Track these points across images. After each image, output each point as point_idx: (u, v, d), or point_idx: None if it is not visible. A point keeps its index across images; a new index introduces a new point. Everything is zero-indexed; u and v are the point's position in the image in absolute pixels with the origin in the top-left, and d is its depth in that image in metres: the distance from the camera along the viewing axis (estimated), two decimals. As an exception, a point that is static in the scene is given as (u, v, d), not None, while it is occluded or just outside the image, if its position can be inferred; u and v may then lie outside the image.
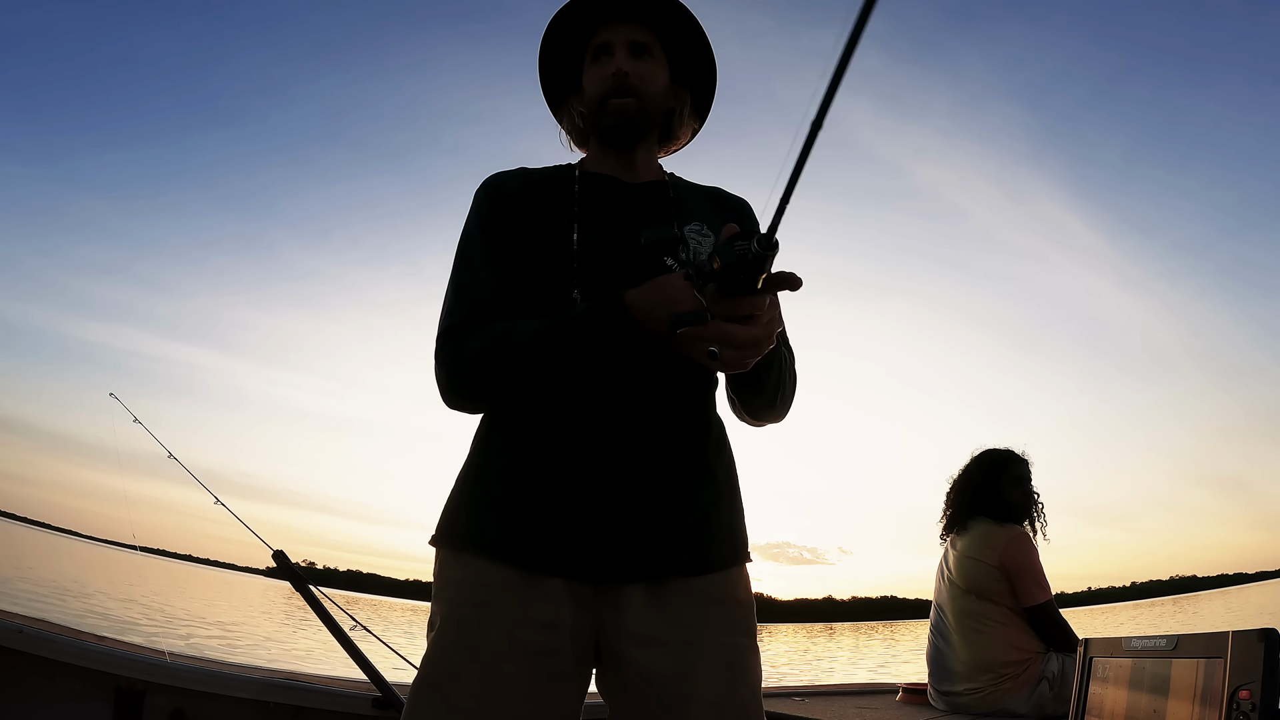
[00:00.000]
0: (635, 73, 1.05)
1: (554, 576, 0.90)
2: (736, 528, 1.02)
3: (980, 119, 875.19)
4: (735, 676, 0.93)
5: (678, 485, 0.96)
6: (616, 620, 0.91)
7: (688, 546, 0.94)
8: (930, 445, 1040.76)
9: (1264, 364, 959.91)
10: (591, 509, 0.92)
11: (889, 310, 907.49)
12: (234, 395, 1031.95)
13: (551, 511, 0.92)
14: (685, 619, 0.92)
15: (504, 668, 0.87)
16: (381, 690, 1.91)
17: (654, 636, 0.91)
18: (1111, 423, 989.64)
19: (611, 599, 0.92)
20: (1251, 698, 1.22)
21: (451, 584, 0.94)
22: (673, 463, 0.97)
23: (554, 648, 0.89)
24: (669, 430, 0.98)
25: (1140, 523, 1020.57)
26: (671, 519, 0.94)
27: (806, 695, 2.69)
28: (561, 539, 0.91)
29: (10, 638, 1.79)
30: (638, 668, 0.90)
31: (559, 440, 0.94)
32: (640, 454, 0.95)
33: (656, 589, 0.92)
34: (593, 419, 0.94)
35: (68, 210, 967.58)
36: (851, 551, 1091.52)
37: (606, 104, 1.05)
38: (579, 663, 0.91)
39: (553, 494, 0.92)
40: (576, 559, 0.90)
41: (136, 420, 2.07)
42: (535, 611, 0.89)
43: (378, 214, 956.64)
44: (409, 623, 27.81)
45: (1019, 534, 2.43)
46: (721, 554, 0.98)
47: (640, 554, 0.92)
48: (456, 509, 0.99)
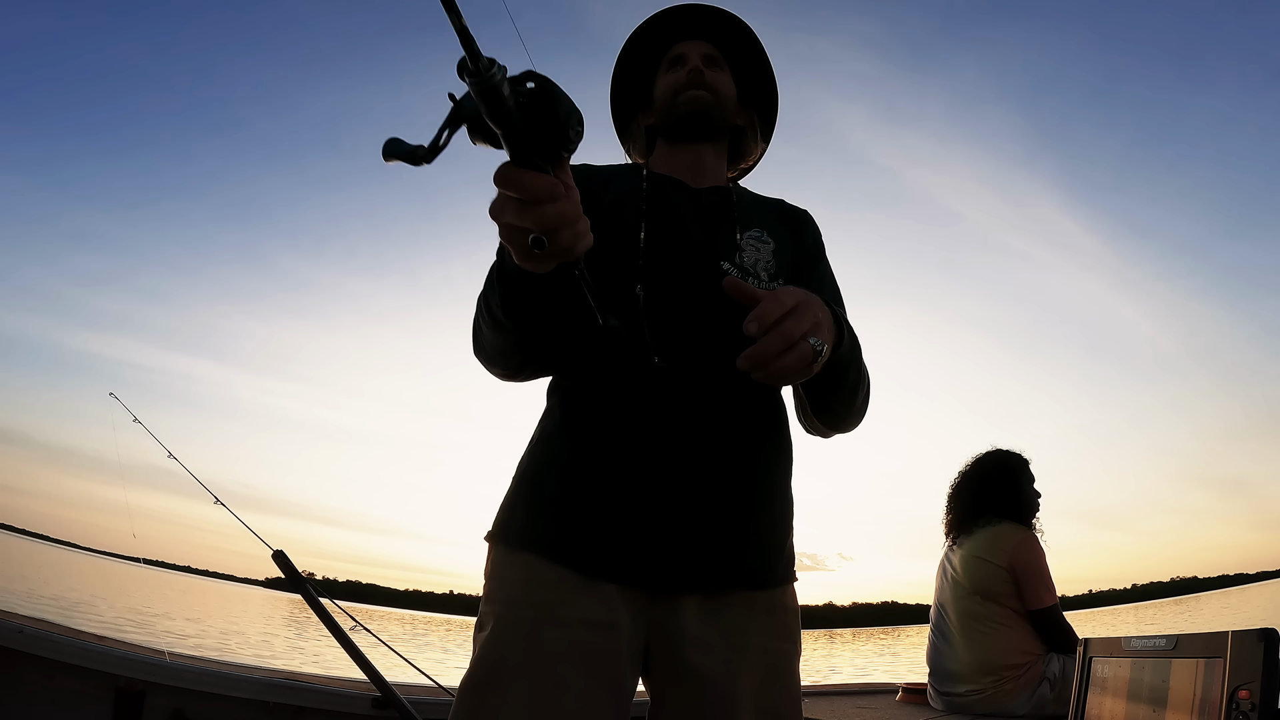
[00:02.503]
0: (710, 74, 1.12)
1: (611, 582, 0.89)
2: (790, 546, 1.03)
3: (975, 123, 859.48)
4: (780, 682, 0.95)
5: (744, 501, 0.96)
6: (671, 623, 0.91)
7: (749, 564, 0.95)
8: (930, 450, 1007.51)
9: (1263, 364, 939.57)
10: (656, 518, 0.91)
11: (886, 315, 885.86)
12: (231, 405, 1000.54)
13: (613, 517, 0.91)
14: (737, 625, 0.93)
15: (559, 669, 0.86)
16: (381, 690, 1.90)
17: (707, 640, 0.91)
18: (1111, 425, 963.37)
19: (667, 603, 0.91)
20: (1251, 698, 1.22)
21: (507, 583, 0.92)
22: (739, 478, 0.96)
23: (609, 649, 0.88)
24: (738, 444, 0.97)
25: (1141, 524, 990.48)
26: (736, 535, 0.94)
27: (807, 695, 2.69)
28: (621, 545, 0.90)
29: (10, 638, 1.79)
30: (691, 667, 0.90)
31: (624, 445, 0.93)
32: (707, 466, 0.94)
33: (713, 598, 0.93)
34: (661, 427, 0.94)
35: (64, 220, 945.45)
36: (852, 557, 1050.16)
37: (681, 95, 1.11)
38: (631, 664, 0.91)
39: (616, 499, 0.91)
40: (636, 566, 0.90)
41: (136, 420, 2.08)
42: (591, 613, 0.88)
43: (375, 223, 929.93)
44: (409, 634, 27.74)
45: (1028, 536, 2.41)
46: (778, 573, 0.99)
47: (702, 568, 0.92)
48: (515, 506, 0.98)
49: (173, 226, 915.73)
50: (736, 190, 1.15)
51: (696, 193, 1.10)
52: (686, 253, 1.01)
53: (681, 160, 1.12)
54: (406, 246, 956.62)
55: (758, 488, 0.98)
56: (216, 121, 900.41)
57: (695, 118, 1.10)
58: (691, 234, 1.03)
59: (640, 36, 1.18)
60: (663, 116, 1.14)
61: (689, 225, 1.04)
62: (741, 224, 1.08)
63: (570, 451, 0.95)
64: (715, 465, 0.94)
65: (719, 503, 0.93)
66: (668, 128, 1.14)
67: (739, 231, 1.06)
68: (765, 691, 0.92)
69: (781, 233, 1.11)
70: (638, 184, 1.08)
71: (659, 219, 1.03)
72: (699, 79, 1.11)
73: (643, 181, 1.08)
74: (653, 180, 1.09)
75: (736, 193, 1.14)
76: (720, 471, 0.94)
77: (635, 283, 0.97)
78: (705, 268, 1.01)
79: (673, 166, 1.12)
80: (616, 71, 1.21)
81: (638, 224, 1.02)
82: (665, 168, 1.13)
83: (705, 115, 1.11)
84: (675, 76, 1.13)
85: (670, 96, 1.12)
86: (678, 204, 1.07)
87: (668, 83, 1.13)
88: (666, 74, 1.15)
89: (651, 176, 1.10)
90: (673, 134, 1.13)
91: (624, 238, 1.00)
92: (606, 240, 0.98)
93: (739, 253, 1.04)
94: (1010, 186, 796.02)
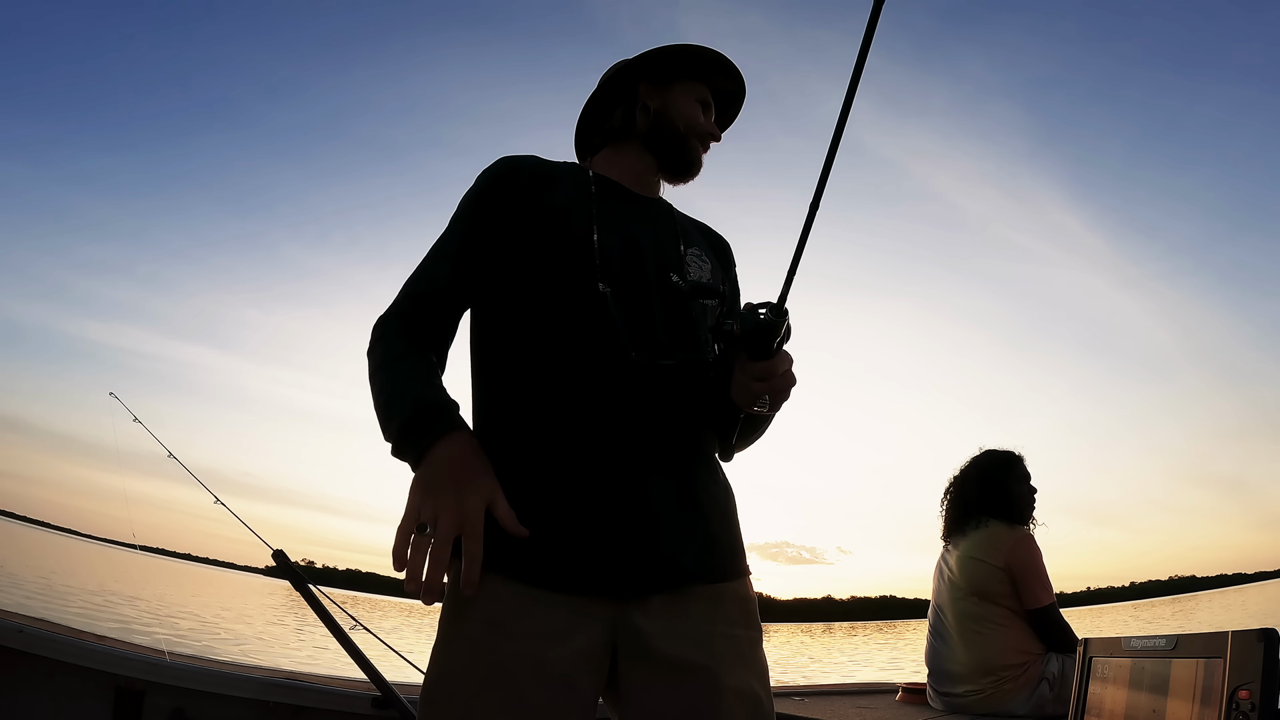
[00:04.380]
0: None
1: (574, 594, 0.90)
2: (740, 541, 1.06)
3: (979, 118, 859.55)
4: (749, 664, 0.98)
5: (705, 497, 1.00)
6: (640, 621, 0.92)
7: (707, 561, 0.98)
8: (928, 445, 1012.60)
9: (1263, 364, 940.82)
10: (625, 518, 0.92)
11: (887, 310, 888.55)
12: (234, 394, 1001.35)
13: (577, 524, 0.91)
14: (704, 615, 0.96)
15: (518, 683, 0.86)
16: (381, 690, 1.90)
17: (677, 631, 0.93)
18: (1110, 423, 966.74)
19: (634, 603, 0.93)
20: (1251, 698, 1.22)
21: (464, 599, 0.92)
22: (700, 475, 1.01)
23: (570, 658, 0.89)
24: (696, 442, 1.02)
25: (1139, 523, 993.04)
26: (701, 532, 0.98)
27: (806, 695, 2.69)
28: (585, 554, 0.91)
29: (10, 638, 1.79)
30: (665, 658, 0.92)
31: (594, 442, 0.95)
32: (659, 469, 0.97)
33: (678, 594, 0.95)
34: (632, 422, 0.96)
35: (69, 210, 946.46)
36: (850, 551, 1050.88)
37: (691, 150, 1.18)
38: (592, 672, 0.91)
39: (566, 511, 0.92)
40: (599, 574, 0.91)
41: (136, 419, 2.08)
42: (551, 625, 0.89)
43: (378, 213, 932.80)
44: (408, 623, 27.81)
45: (1025, 535, 2.41)
46: (733, 566, 1.02)
47: (664, 570, 0.93)
48: None
49: (176, 215, 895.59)
50: (672, 206, 1.21)
51: (642, 200, 1.15)
52: (639, 257, 1.06)
53: (628, 167, 1.17)
54: (410, 236, 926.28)
55: (717, 485, 1.05)
56: (220, 110, 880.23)
57: (688, 172, 1.19)
58: (642, 240, 1.07)
59: (671, 54, 1.18)
60: (662, 138, 1.17)
61: (638, 231, 1.08)
62: (683, 239, 1.14)
63: (526, 462, 0.95)
64: (677, 467, 0.99)
65: (682, 504, 0.97)
66: (659, 148, 1.17)
67: (682, 246, 1.12)
68: (738, 673, 0.95)
69: (712, 257, 1.18)
70: (585, 186, 1.10)
71: (609, 222, 1.07)
72: (713, 141, 1.20)
73: (590, 184, 1.10)
74: (600, 183, 1.12)
75: (674, 208, 1.20)
76: (682, 472, 0.99)
77: (595, 281, 1.01)
78: (656, 273, 1.06)
79: (618, 172, 1.16)
80: (647, 56, 1.19)
81: (589, 225, 1.04)
82: (611, 171, 1.17)
83: (695, 173, 1.20)
84: (704, 122, 1.19)
85: (687, 136, 1.17)
86: (625, 209, 1.11)
87: (692, 118, 1.18)
88: (693, 106, 1.19)
89: (599, 179, 1.12)
90: (661, 161, 1.18)
91: (576, 241, 1.03)
92: (559, 238, 1.03)
93: (685, 266, 1.10)
94: (1013, 182, 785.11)
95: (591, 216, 1.05)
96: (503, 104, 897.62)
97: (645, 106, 1.17)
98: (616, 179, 1.14)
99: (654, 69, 1.19)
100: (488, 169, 1.10)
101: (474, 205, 1.07)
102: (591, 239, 1.03)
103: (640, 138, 1.17)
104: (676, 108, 1.17)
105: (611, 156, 1.19)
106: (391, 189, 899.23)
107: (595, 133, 1.22)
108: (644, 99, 1.18)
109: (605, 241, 1.04)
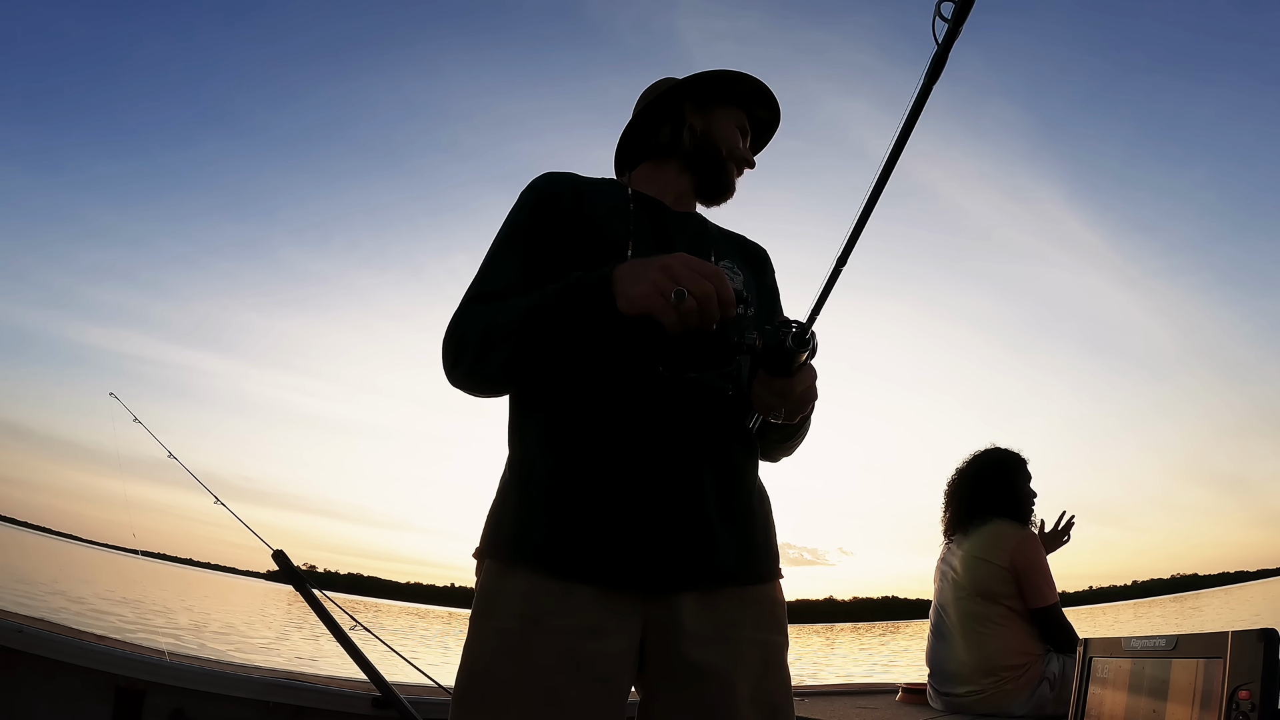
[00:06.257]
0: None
1: (604, 586, 0.91)
2: (775, 544, 1.07)
3: (978, 117, 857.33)
4: (773, 673, 0.98)
5: (736, 501, 1.01)
6: (669, 620, 0.93)
7: (744, 561, 0.99)
8: (929, 444, 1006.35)
9: (1263, 362, 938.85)
10: (653, 520, 0.93)
11: (887, 310, 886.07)
12: (234, 398, 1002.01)
13: (607, 521, 0.92)
14: (731, 619, 0.96)
15: (551, 680, 0.87)
16: (381, 690, 1.91)
17: (704, 635, 0.93)
18: (1111, 420, 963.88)
19: (664, 602, 0.93)
20: (1251, 698, 1.22)
21: (496, 596, 0.93)
22: (731, 480, 1.01)
23: (603, 656, 0.89)
24: (726, 448, 1.02)
25: (1140, 521, 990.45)
26: (732, 534, 0.98)
27: (806, 695, 2.69)
28: (615, 549, 0.91)
29: (10, 638, 1.79)
30: (690, 662, 0.92)
31: (621, 450, 0.95)
32: (702, 469, 0.97)
33: (709, 594, 0.95)
34: (659, 432, 0.97)
35: (70, 215, 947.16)
36: (852, 552, 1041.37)
37: (729, 174, 1.22)
38: (625, 667, 0.92)
39: (611, 503, 0.93)
40: (630, 569, 0.91)
41: (136, 420, 2.08)
42: (584, 621, 0.89)
43: (378, 217, 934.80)
44: (410, 627, 27.81)
45: (1029, 535, 2.41)
46: (766, 568, 1.03)
47: (697, 567, 0.94)
48: (499, 521, 0.99)
49: (175, 219, 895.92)
50: (706, 220, 1.24)
51: (677, 215, 1.18)
52: None
53: (667, 184, 1.20)
54: (410, 240, 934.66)
55: (748, 488, 1.05)
56: (219, 114, 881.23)
57: (723, 195, 1.23)
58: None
59: (718, 78, 1.21)
60: (704, 159, 1.20)
61: (673, 246, 1.10)
62: (716, 252, 1.16)
63: (559, 463, 0.96)
64: (709, 468, 0.99)
65: (715, 503, 0.97)
66: (700, 170, 1.21)
67: (714, 259, 1.14)
68: (760, 683, 0.95)
69: (745, 269, 1.19)
70: (623, 201, 1.13)
71: (645, 237, 1.09)
72: (748, 168, 1.25)
73: (629, 200, 1.13)
74: (638, 200, 1.15)
75: (708, 222, 1.23)
76: (713, 474, 0.99)
77: None
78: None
79: (655, 188, 1.20)
80: (698, 78, 1.21)
81: (625, 240, 1.07)
82: (648, 187, 1.20)
83: (729, 196, 1.24)
84: (742, 148, 1.23)
85: (727, 160, 1.21)
86: (661, 224, 1.13)
87: (733, 142, 1.22)
88: (733, 131, 1.23)
89: (636, 195, 1.16)
90: (700, 185, 1.22)
91: (612, 252, 1.05)
92: (596, 253, 1.04)
93: None
94: (1012, 181, 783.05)
95: (629, 232, 1.08)
96: (502, 109, 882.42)
97: (692, 127, 1.21)
98: (655, 195, 1.18)
99: (699, 91, 1.22)
100: (534, 184, 1.12)
101: (530, 217, 1.09)
102: (626, 255, 1.05)
103: (683, 156, 1.21)
104: (720, 130, 1.21)
105: (651, 172, 1.22)
106: (392, 194, 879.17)
107: (640, 146, 1.24)
108: (690, 119, 1.21)
109: (641, 255, 1.05)
